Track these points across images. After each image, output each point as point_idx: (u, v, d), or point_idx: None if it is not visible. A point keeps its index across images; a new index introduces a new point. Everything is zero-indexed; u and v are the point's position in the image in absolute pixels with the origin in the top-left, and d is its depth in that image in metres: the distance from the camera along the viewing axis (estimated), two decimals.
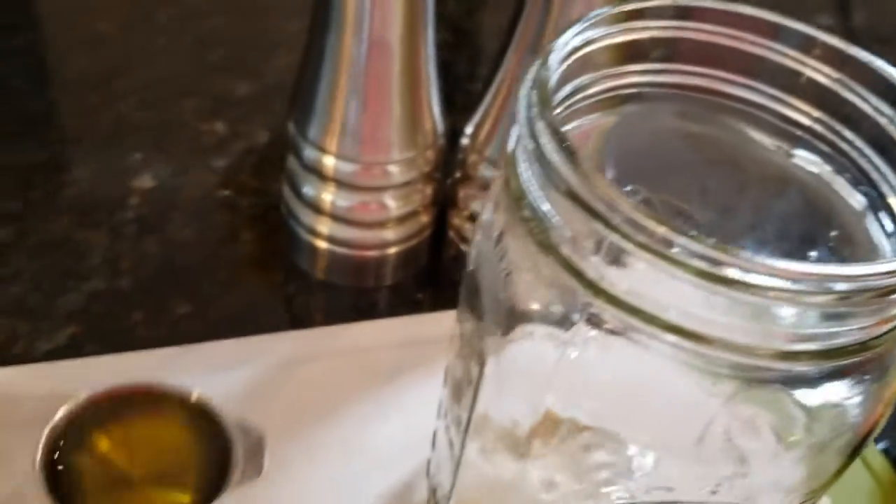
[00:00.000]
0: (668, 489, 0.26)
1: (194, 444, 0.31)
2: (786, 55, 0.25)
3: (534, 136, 0.20)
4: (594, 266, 0.20)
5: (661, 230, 0.18)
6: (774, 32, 0.24)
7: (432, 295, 0.45)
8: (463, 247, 0.44)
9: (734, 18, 0.24)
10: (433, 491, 0.32)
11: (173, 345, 0.39)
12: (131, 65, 0.55)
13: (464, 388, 0.26)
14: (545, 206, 0.20)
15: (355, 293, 0.44)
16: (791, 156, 0.25)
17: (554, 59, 0.21)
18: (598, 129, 0.26)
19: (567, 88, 0.23)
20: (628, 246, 0.19)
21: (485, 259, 0.23)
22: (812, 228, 0.26)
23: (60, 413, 0.30)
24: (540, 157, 0.20)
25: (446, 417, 0.29)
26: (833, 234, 0.25)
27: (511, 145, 0.22)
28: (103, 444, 0.30)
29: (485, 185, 0.42)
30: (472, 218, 0.44)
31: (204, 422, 0.31)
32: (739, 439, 0.24)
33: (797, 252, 0.25)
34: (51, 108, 0.52)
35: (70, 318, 0.40)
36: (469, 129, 0.42)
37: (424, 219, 0.44)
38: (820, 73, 0.24)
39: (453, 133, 0.43)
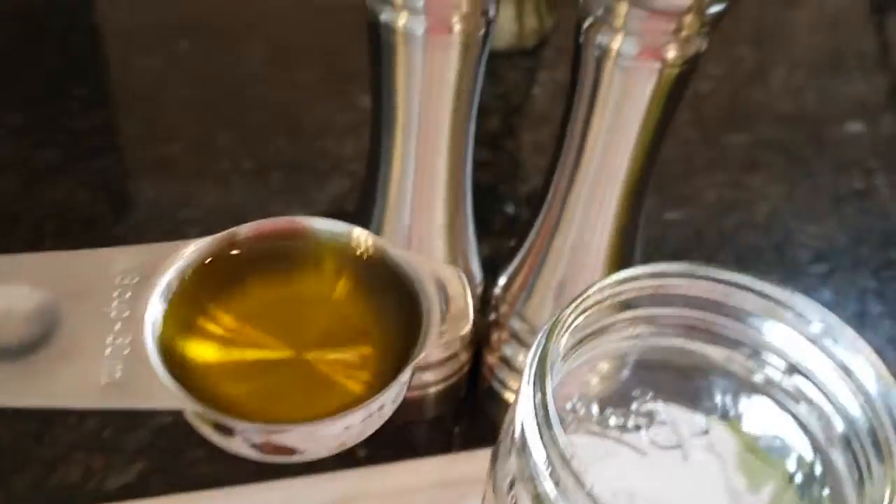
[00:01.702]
0: None
1: (370, 304, 0.23)
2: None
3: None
4: None
5: None
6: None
7: (468, 425, 0.48)
8: (495, 384, 0.48)
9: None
10: None
11: (231, 481, 0.44)
12: (195, 191, 0.59)
13: None
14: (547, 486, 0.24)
15: (395, 428, 0.48)
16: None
17: (553, 348, 0.25)
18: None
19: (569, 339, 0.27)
20: None
21: (499, 495, 0.27)
22: None
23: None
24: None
25: None
26: None
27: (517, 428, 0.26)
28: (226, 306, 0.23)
29: (514, 335, 0.45)
30: (504, 360, 0.47)
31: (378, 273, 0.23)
32: None
33: None
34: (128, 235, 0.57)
35: (139, 453, 0.45)
36: (502, 281, 0.46)
37: (464, 357, 0.47)
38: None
39: (493, 264, 0.46)
